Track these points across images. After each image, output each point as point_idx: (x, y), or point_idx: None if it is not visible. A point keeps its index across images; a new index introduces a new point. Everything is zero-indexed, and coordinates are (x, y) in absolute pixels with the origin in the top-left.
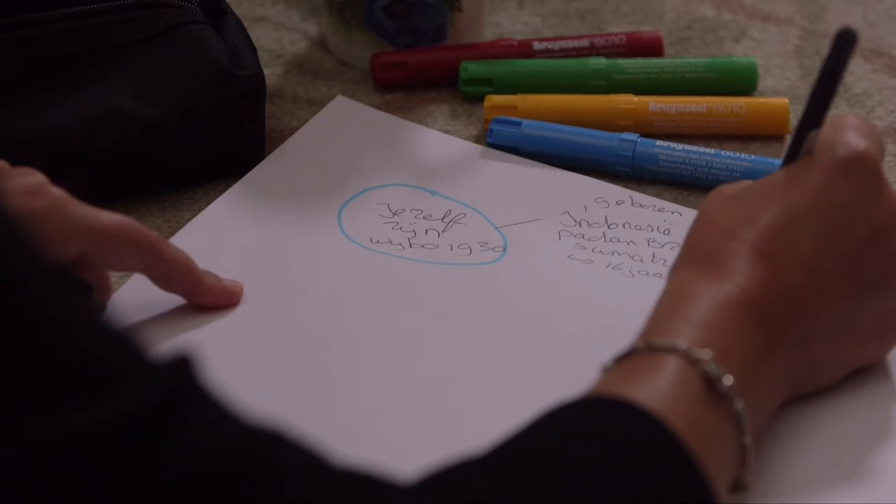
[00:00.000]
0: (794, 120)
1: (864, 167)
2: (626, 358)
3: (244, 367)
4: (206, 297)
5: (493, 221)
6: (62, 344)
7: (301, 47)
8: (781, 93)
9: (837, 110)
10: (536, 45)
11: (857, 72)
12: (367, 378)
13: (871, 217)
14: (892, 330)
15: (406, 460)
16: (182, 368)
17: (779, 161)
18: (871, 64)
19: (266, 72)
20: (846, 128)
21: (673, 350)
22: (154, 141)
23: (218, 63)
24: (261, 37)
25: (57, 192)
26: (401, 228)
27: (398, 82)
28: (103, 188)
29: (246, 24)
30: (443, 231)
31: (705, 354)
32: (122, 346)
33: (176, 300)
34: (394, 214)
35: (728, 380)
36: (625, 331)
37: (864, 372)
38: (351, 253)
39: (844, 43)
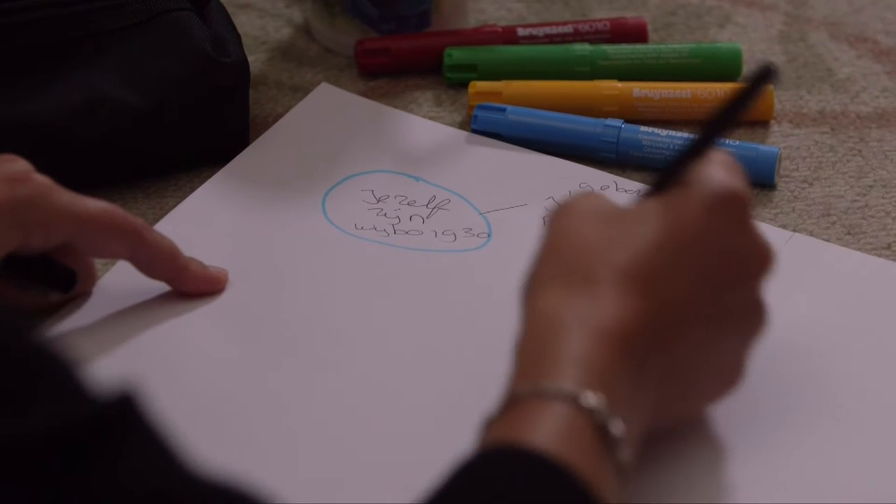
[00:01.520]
0: (778, 105)
1: (738, 205)
2: (512, 405)
3: (228, 354)
4: (191, 284)
5: (477, 207)
6: None
7: (285, 34)
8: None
9: (821, 96)
10: (521, 32)
11: (841, 58)
12: (352, 364)
13: (740, 255)
14: (733, 377)
15: (389, 447)
16: (125, 401)
17: (763, 147)
18: (856, 50)
19: (250, 58)
20: (720, 165)
21: (561, 396)
22: (138, 128)
23: (202, 50)
24: (245, 23)
25: (41, 179)
26: (385, 215)
27: (382, 68)
28: (87, 175)
29: (230, 10)
30: (427, 217)
31: (594, 401)
32: (54, 365)
33: (161, 287)
34: (378, 201)
35: (617, 428)
36: None
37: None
38: (335, 239)
39: (764, 77)
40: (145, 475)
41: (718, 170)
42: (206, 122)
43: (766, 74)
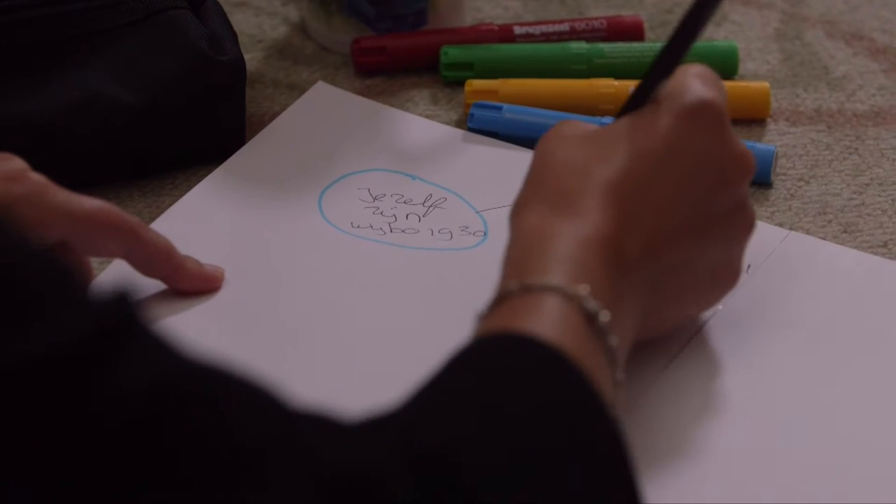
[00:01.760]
0: (774, 104)
1: (711, 114)
2: (501, 301)
3: (225, 352)
4: (187, 283)
5: (473, 205)
6: None
7: (281, 32)
8: (762, 76)
9: (818, 94)
10: (517, 30)
11: (837, 55)
12: (348, 362)
13: (717, 164)
14: (728, 278)
15: None
16: (120, 305)
17: (760, 144)
18: (852, 48)
19: (246, 57)
20: (692, 76)
21: (549, 288)
22: (134, 126)
23: (198, 48)
24: (241, 22)
25: (37, 177)
26: (381, 213)
27: (379, 67)
28: (83, 174)
29: (226, 9)
30: (423, 216)
31: (582, 290)
32: (59, 279)
33: (157, 285)
34: (374, 199)
35: (605, 315)
36: None
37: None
38: (331, 238)
39: None
40: (149, 371)
41: (692, 81)
42: (202, 121)
43: None
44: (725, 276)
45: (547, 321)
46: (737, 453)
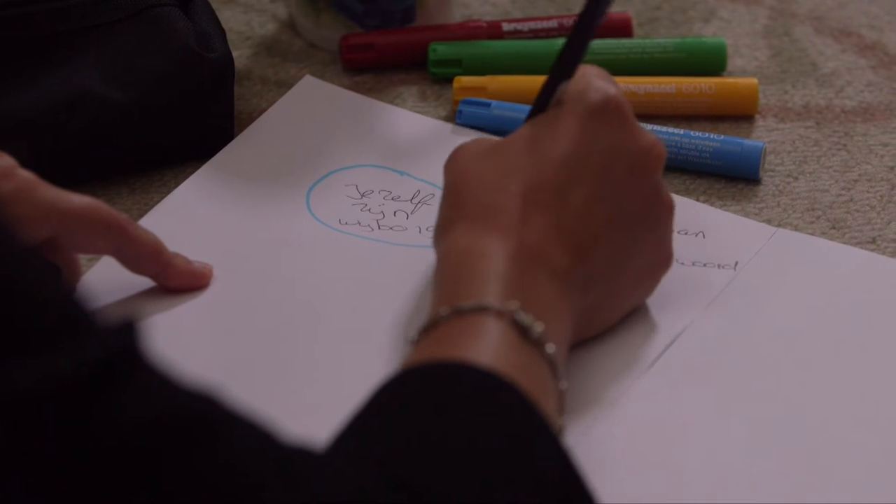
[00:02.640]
0: (763, 100)
1: (615, 109)
2: (433, 327)
3: (213, 349)
4: (176, 280)
5: None
6: (5, 297)
7: (270, 29)
8: (751, 73)
9: (806, 90)
10: (505, 27)
11: (826, 52)
12: (335, 360)
13: (628, 155)
14: (661, 263)
15: None
16: (126, 333)
17: (748, 141)
18: (841, 44)
19: (235, 54)
20: (591, 76)
21: (481, 309)
22: (122, 123)
23: (186, 45)
24: (229, 19)
25: (25, 174)
26: (369, 210)
27: (367, 64)
28: (72, 171)
29: (214, 5)
30: (411, 213)
31: (513, 305)
32: (69, 307)
33: (145, 282)
34: (362, 196)
35: (539, 326)
36: None
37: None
38: (319, 235)
39: None
40: (151, 401)
41: (592, 81)
42: (190, 118)
43: None
44: (658, 261)
45: (480, 343)
46: (723, 452)
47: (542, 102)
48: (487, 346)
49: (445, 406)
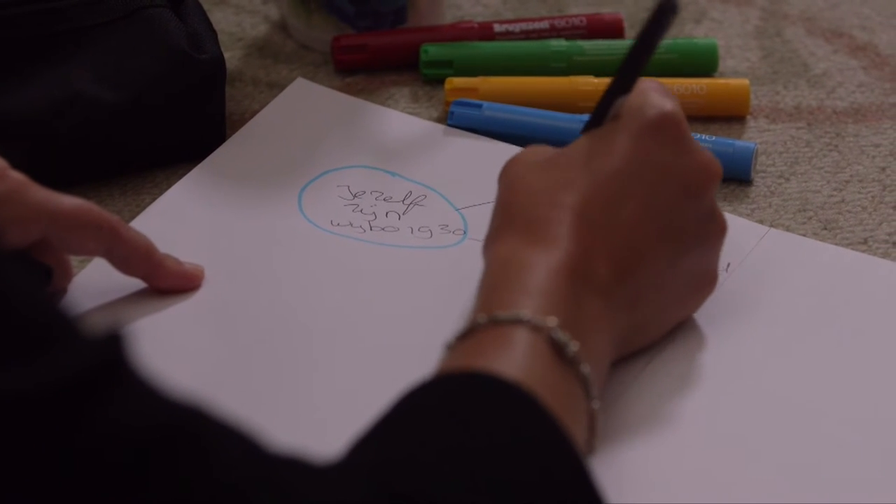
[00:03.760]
0: (754, 101)
1: (672, 126)
2: (469, 334)
3: (205, 351)
4: (167, 281)
5: (454, 203)
6: None
7: (261, 30)
8: (742, 74)
9: (798, 91)
10: (497, 28)
11: (817, 52)
12: (328, 361)
13: (682, 174)
14: (707, 283)
15: None
16: (112, 344)
17: (739, 142)
18: (832, 45)
19: (226, 55)
20: (649, 91)
21: (518, 321)
22: (114, 124)
23: (178, 47)
24: (221, 20)
25: (16, 175)
26: (361, 211)
27: (359, 65)
28: (64, 172)
29: (206, 7)
30: (403, 213)
31: (551, 322)
32: (55, 317)
33: (136, 284)
34: (354, 197)
35: (574, 345)
36: None
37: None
38: (311, 236)
39: (665, 12)
40: (137, 412)
41: (649, 97)
42: (182, 119)
43: (669, 9)
44: (703, 283)
45: (512, 356)
46: (718, 451)
47: (599, 116)
48: (516, 359)
49: (458, 415)
